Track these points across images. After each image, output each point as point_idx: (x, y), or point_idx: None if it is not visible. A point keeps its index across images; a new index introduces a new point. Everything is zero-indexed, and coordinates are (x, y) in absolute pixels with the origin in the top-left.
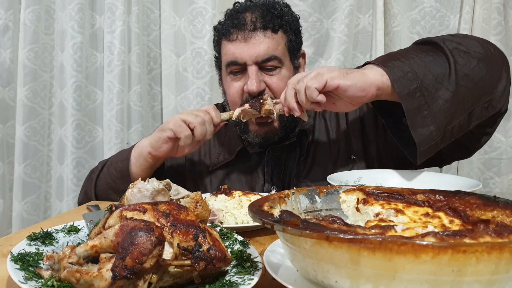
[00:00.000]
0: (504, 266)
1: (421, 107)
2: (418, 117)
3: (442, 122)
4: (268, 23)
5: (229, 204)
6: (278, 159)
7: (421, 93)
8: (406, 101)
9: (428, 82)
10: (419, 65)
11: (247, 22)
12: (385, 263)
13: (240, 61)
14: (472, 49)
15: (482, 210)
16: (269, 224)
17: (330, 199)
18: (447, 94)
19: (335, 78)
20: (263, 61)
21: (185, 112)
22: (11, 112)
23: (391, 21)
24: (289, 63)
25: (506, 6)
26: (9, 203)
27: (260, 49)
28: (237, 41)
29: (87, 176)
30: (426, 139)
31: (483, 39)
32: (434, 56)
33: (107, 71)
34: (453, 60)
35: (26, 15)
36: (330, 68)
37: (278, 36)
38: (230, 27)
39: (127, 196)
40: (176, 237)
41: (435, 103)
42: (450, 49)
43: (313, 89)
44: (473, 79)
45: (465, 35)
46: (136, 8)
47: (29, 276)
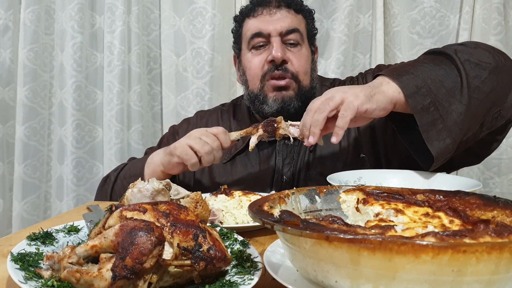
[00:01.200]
0: (504, 266)
1: (436, 121)
2: (434, 130)
3: (458, 135)
4: (292, 4)
5: (229, 204)
6: (289, 150)
7: (435, 107)
8: (420, 116)
9: (442, 96)
10: (432, 79)
11: (272, 1)
12: (385, 263)
13: (265, 31)
14: (483, 61)
15: (482, 210)
16: (269, 224)
17: (330, 199)
18: (460, 107)
19: (364, 104)
20: (287, 32)
21: (193, 137)
22: (11, 112)
23: (391, 21)
24: (307, 45)
25: (506, 6)
26: (9, 203)
27: (285, 21)
28: (262, 15)
29: (100, 186)
30: (443, 152)
31: (493, 48)
32: (446, 70)
33: (107, 71)
34: (465, 73)
35: (26, 15)
36: (355, 93)
37: (299, 16)
38: (255, 6)
39: (127, 196)
40: (176, 237)
41: (450, 117)
42: (462, 61)
43: (348, 119)
44: (484, 91)
45: (476, 44)
46: (136, 8)
47: (29, 276)
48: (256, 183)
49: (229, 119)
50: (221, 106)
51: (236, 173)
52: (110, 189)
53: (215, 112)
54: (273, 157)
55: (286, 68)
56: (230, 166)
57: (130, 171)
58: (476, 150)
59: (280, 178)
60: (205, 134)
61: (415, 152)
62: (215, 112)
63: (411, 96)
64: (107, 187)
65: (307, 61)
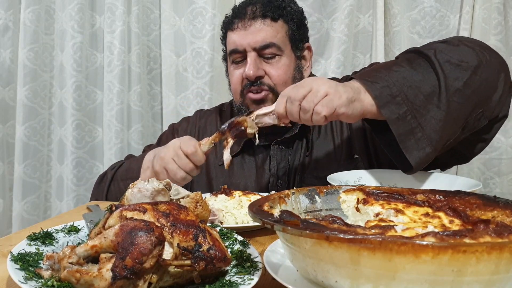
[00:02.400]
0: (504, 266)
1: (414, 130)
2: (412, 140)
3: (438, 143)
4: (268, 12)
5: (229, 204)
6: (283, 154)
7: (412, 116)
8: (396, 126)
9: (419, 103)
10: (408, 86)
11: (247, 11)
12: (385, 263)
13: (240, 48)
14: (465, 60)
15: (482, 210)
16: (269, 224)
17: (330, 199)
18: (439, 113)
19: (342, 106)
20: (261, 48)
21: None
22: (11, 112)
23: (391, 21)
24: (290, 52)
25: (506, 6)
26: (9, 203)
27: (259, 36)
28: (238, 29)
29: (96, 184)
30: (423, 161)
31: (479, 43)
32: (424, 74)
33: (107, 71)
34: (444, 75)
35: (26, 15)
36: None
37: (277, 24)
38: (232, 18)
39: (127, 196)
40: (176, 237)
41: (429, 124)
42: (441, 63)
43: (322, 116)
44: (465, 94)
45: (459, 41)
46: (136, 8)
47: (29, 276)
48: (252, 187)
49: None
50: (220, 106)
51: (233, 176)
52: (107, 188)
53: (214, 112)
54: (268, 161)
55: (262, 82)
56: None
57: (126, 173)
58: (461, 150)
59: (276, 182)
60: (177, 156)
61: (393, 154)
62: (214, 112)
63: (384, 106)
64: (104, 185)
65: (287, 71)
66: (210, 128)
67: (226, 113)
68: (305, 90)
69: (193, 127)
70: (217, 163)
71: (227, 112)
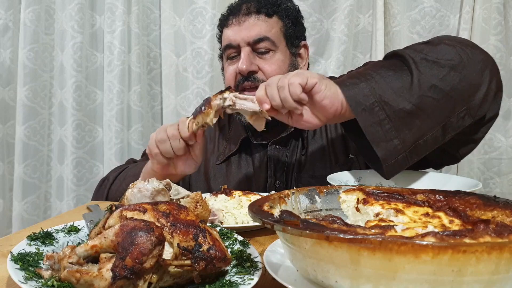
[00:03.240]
0: (504, 266)
1: (382, 121)
2: (380, 131)
3: (407, 136)
4: (262, 8)
5: (229, 204)
6: (280, 154)
7: (380, 107)
8: (361, 117)
9: (388, 96)
10: (377, 81)
11: (242, 8)
12: (385, 263)
13: (234, 43)
14: (444, 58)
15: (482, 210)
16: (269, 224)
17: (330, 199)
18: (409, 106)
19: (314, 77)
20: (254, 42)
21: (161, 127)
22: (11, 112)
23: (391, 21)
24: (284, 48)
25: (506, 6)
26: (9, 203)
27: (252, 30)
28: (232, 25)
29: (98, 186)
30: (391, 153)
31: (462, 40)
32: (396, 70)
33: (107, 71)
34: (418, 72)
35: (26, 15)
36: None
37: (272, 20)
38: (228, 15)
39: (127, 196)
40: (176, 237)
41: (398, 116)
42: (416, 61)
43: (297, 84)
44: (442, 90)
45: (440, 40)
46: (136, 8)
47: (29, 276)
48: (250, 187)
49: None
50: None
51: (231, 176)
52: (107, 189)
53: None
54: (265, 160)
55: (256, 78)
56: (224, 169)
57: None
58: (449, 151)
59: (274, 183)
60: (170, 124)
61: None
62: None
63: (351, 98)
64: (104, 188)
65: (282, 66)
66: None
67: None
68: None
69: None
70: (215, 163)
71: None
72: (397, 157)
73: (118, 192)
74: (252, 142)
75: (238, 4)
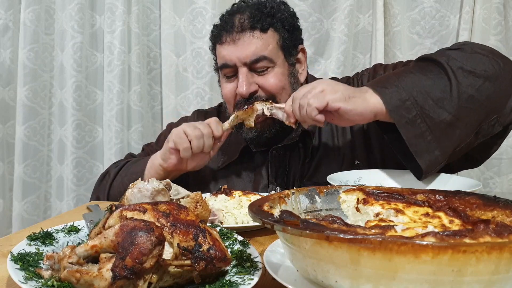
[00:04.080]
0: (504, 266)
1: (424, 133)
2: (422, 143)
3: (448, 146)
4: (256, 23)
5: (229, 204)
6: (281, 160)
7: (422, 119)
8: (405, 129)
9: (429, 107)
10: (418, 91)
11: (235, 23)
12: (385, 263)
13: (230, 63)
14: (479, 68)
15: (482, 210)
16: (269, 224)
17: (330, 199)
18: (449, 118)
19: (336, 101)
20: (252, 62)
21: (188, 124)
22: (11, 112)
23: (391, 21)
24: (282, 61)
25: (506, 6)
26: (9, 203)
27: (248, 51)
28: (226, 43)
29: (98, 181)
30: (433, 164)
31: (492, 51)
32: (435, 79)
33: (107, 71)
34: (456, 82)
35: (26, 15)
36: (334, 88)
37: (267, 35)
38: (220, 30)
39: (127, 196)
40: (176, 237)
41: (438, 128)
42: (454, 70)
43: (313, 108)
44: (478, 100)
45: (473, 48)
46: (136, 8)
47: (29, 276)
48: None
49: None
50: (219, 106)
51: (231, 181)
52: (109, 184)
53: (213, 112)
54: (265, 168)
55: (257, 97)
56: (224, 175)
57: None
58: (474, 155)
59: (274, 188)
60: (199, 122)
61: (408, 163)
62: (213, 112)
63: (393, 111)
64: (106, 183)
65: (282, 79)
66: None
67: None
68: (306, 89)
69: None
70: (214, 168)
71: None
72: (437, 166)
73: (119, 188)
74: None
75: (230, 17)
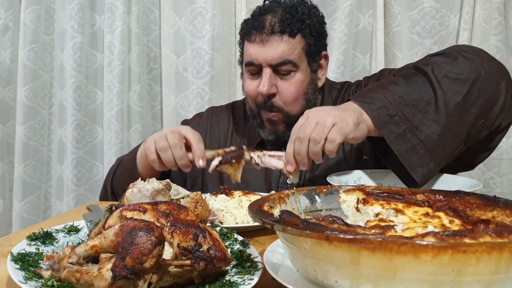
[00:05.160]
0: (504, 266)
1: (416, 147)
2: (415, 157)
3: (441, 157)
4: (286, 28)
5: (229, 204)
6: None
7: (412, 133)
8: (396, 145)
9: (418, 120)
10: (405, 104)
11: (266, 25)
12: (385, 263)
13: (256, 62)
14: (464, 73)
15: (482, 210)
16: (269, 224)
17: (330, 199)
18: (439, 128)
19: (351, 133)
20: (277, 65)
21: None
22: (11, 112)
23: (391, 21)
24: (305, 66)
25: (506, 6)
26: (9, 203)
27: (275, 53)
28: (255, 43)
29: (108, 172)
30: (428, 176)
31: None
32: (421, 91)
33: (107, 71)
34: (442, 91)
35: (26, 15)
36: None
37: (295, 40)
38: (250, 28)
39: (127, 196)
40: (176, 237)
41: (430, 140)
42: (439, 79)
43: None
44: (465, 107)
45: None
46: (136, 8)
47: (29, 276)
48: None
49: (240, 116)
50: (233, 103)
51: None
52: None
53: (227, 108)
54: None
55: (272, 103)
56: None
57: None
58: (466, 159)
59: (285, 180)
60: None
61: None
62: (227, 108)
63: (383, 127)
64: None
65: (300, 87)
66: (222, 124)
67: (239, 110)
68: (311, 127)
69: (205, 122)
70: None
71: (240, 109)
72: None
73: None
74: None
75: (261, 14)
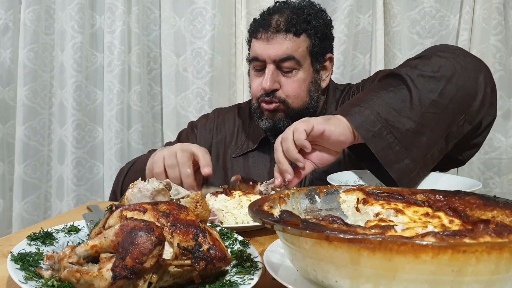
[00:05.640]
0: (504, 266)
1: (391, 144)
2: (391, 154)
3: (417, 153)
4: (291, 27)
5: (229, 204)
6: None
7: (388, 131)
8: (373, 143)
9: (393, 119)
10: (379, 104)
11: (272, 23)
12: (385, 263)
13: (260, 58)
14: (439, 71)
15: (482, 210)
16: (269, 224)
17: (330, 199)
18: (414, 125)
19: (320, 124)
20: (280, 60)
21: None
22: (11, 112)
23: (391, 21)
24: (308, 65)
25: (506, 6)
26: (9, 203)
27: (279, 50)
28: (261, 40)
29: (116, 176)
30: (404, 173)
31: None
32: (395, 91)
33: (107, 71)
34: (416, 89)
35: (26, 15)
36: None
37: (299, 39)
38: (258, 27)
39: (127, 196)
40: (176, 237)
41: (405, 137)
42: (413, 78)
43: (302, 130)
44: (441, 104)
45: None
46: (136, 8)
47: (29, 276)
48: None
49: (245, 116)
50: (238, 104)
51: (248, 169)
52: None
53: (232, 109)
54: None
55: (275, 95)
56: (242, 162)
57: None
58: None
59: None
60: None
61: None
62: (232, 109)
63: (359, 127)
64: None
65: (302, 85)
66: (228, 124)
67: (244, 110)
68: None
69: (212, 123)
70: (232, 156)
71: (245, 109)
72: (410, 175)
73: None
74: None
75: (269, 15)
